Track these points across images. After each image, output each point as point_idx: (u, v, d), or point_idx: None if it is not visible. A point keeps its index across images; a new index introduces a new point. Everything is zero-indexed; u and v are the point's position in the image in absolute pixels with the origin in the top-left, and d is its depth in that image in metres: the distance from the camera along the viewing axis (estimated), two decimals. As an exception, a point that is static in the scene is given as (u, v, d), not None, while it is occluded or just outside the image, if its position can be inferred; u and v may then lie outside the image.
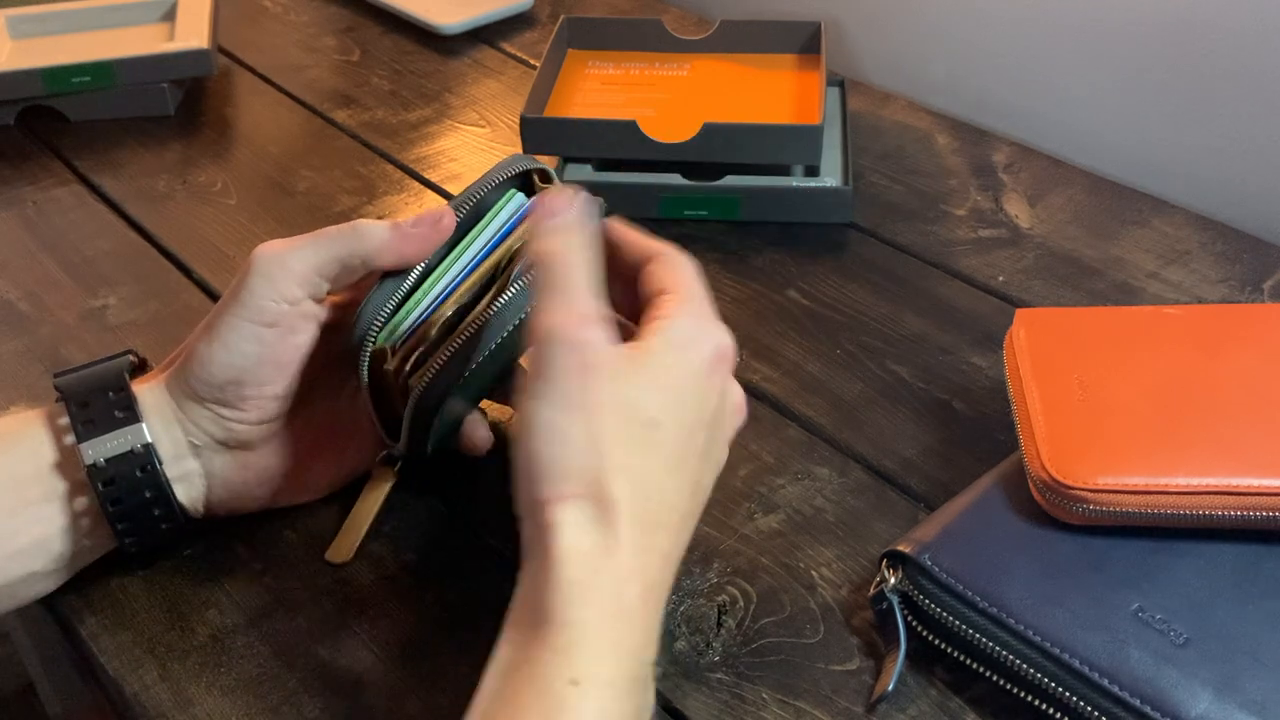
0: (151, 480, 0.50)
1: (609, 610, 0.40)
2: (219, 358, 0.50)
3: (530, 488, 0.41)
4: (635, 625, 0.41)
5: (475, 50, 1.01)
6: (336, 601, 0.52)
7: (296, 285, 0.50)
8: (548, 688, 0.38)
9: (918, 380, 0.64)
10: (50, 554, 0.50)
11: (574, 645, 0.39)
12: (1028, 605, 0.46)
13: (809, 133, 0.74)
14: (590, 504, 0.41)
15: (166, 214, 0.80)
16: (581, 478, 0.41)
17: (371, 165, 0.85)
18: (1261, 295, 0.70)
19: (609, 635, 0.40)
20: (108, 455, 0.49)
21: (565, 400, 0.41)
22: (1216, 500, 0.47)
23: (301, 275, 0.50)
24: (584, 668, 0.39)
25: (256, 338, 0.50)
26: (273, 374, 0.51)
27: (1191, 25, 0.78)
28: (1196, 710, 0.42)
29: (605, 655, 0.39)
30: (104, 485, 0.49)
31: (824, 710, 0.48)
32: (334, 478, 0.56)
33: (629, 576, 0.41)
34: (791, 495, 0.57)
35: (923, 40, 0.94)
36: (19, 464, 0.50)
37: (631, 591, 0.41)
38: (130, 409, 0.50)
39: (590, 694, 0.38)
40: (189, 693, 0.49)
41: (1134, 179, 0.83)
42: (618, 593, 0.40)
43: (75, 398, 0.50)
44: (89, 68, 0.88)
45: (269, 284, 0.49)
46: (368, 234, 0.51)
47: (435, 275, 0.53)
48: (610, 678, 0.39)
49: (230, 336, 0.50)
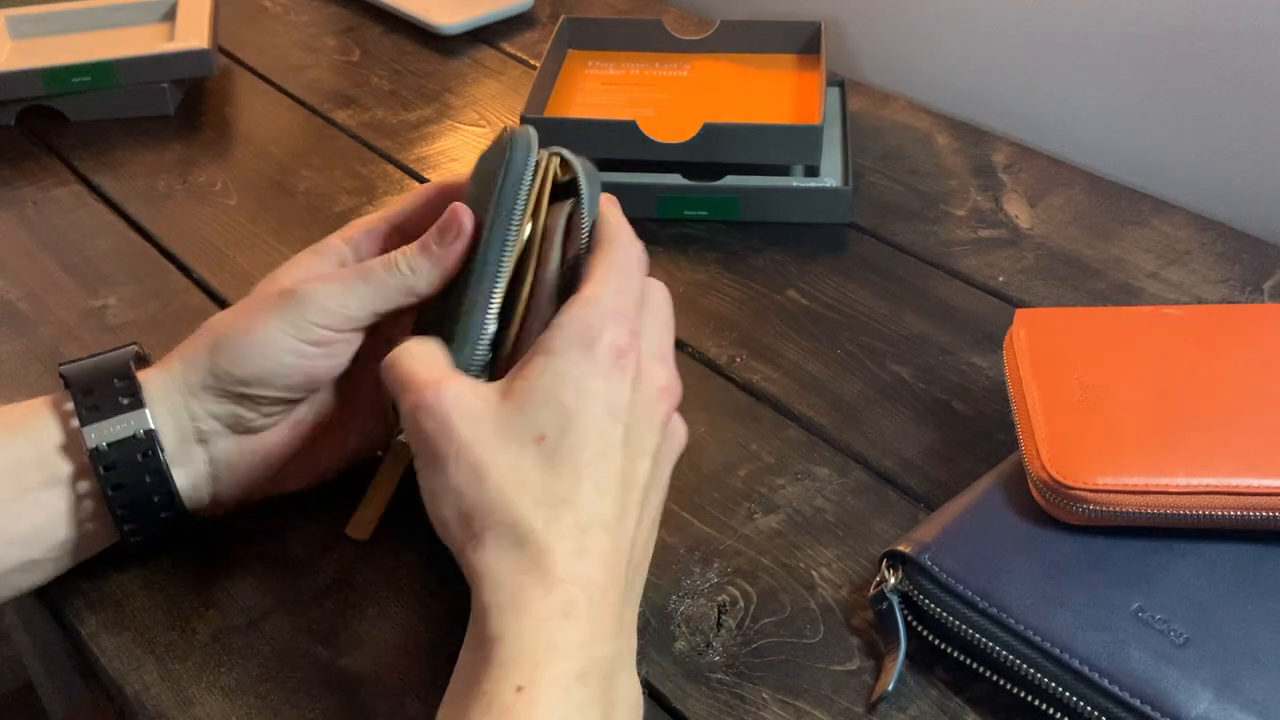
0: (152, 466, 0.50)
1: (541, 615, 0.41)
2: (255, 360, 0.50)
3: (447, 539, 0.45)
4: (578, 624, 0.41)
5: (475, 50, 1.01)
6: (336, 601, 0.52)
7: (346, 322, 0.51)
8: (495, 699, 0.40)
9: (918, 380, 0.64)
10: (50, 541, 0.50)
11: (512, 656, 0.40)
12: (1028, 605, 0.46)
13: (809, 133, 0.74)
14: (502, 531, 0.43)
15: (166, 214, 0.80)
16: (480, 514, 0.43)
17: (371, 165, 0.85)
18: (1261, 295, 0.70)
19: (544, 639, 0.41)
20: (110, 440, 0.49)
21: (437, 460, 0.44)
22: (1216, 500, 0.47)
23: (355, 316, 0.51)
24: (526, 674, 0.40)
25: (299, 352, 0.50)
26: (304, 383, 0.52)
27: (1192, 26, 0.78)
28: (1196, 710, 0.42)
29: (545, 658, 0.40)
30: (105, 470, 0.49)
31: (824, 710, 0.48)
32: (336, 461, 0.56)
33: (561, 580, 0.42)
34: (791, 495, 0.57)
35: (923, 40, 0.94)
36: (23, 449, 0.50)
37: (563, 595, 0.41)
38: (135, 395, 0.50)
39: (538, 696, 0.40)
40: (189, 693, 0.49)
41: (1134, 179, 0.83)
42: (546, 600, 0.41)
43: (80, 385, 0.51)
44: (89, 68, 0.88)
45: (324, 314, 0.50)
46: (415, 263, 0.51)
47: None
48: (554, 676, 0.40)
49: (271, 348, 0.50)
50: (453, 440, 0.44)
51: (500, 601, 0.41)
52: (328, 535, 0.55)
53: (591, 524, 0.43)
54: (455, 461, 0.43)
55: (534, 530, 0.42)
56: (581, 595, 0.42)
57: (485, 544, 0.42)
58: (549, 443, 0.43)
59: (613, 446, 0.44)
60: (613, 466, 0.44)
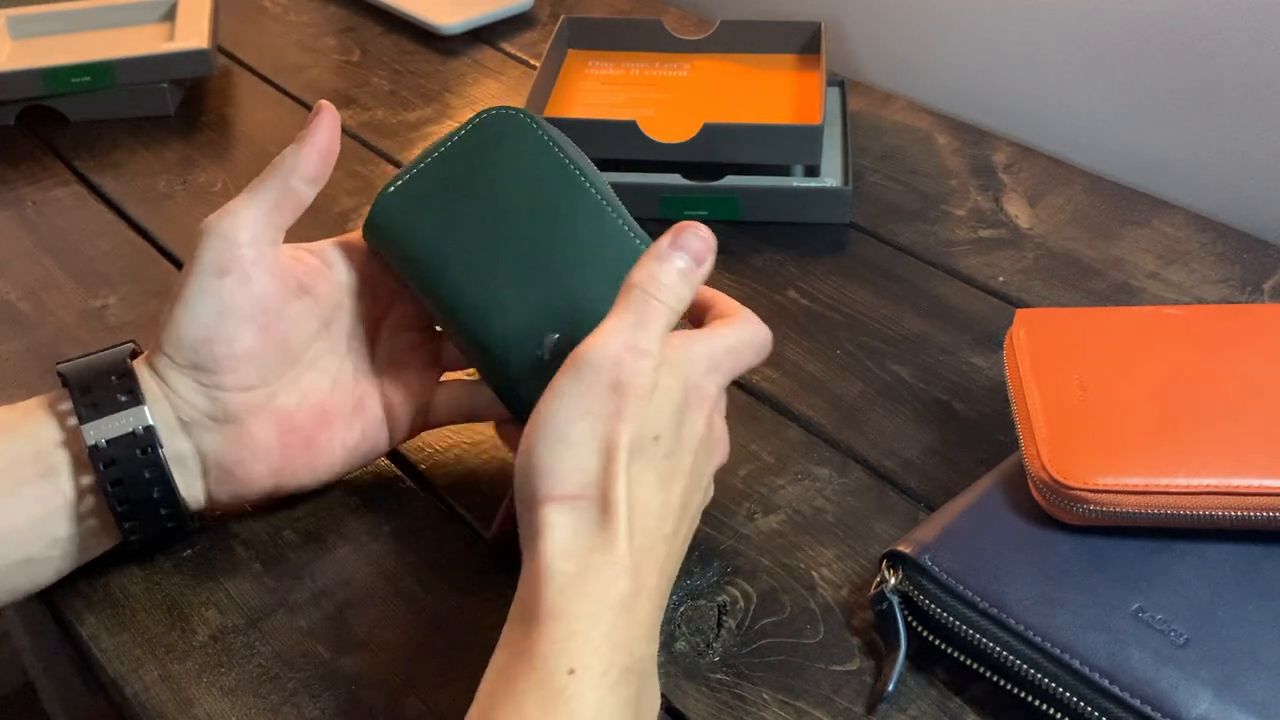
0: (152, 461, 0.50)
1: (603, 602, 0.41)
2: (183, 316, 0.51)
3: (528, 485, 0.43)
4: (630, 620, 0.42)
5: (475, 50, 1.01)
6: (336, 601, 0.52)
7: (241, 231, 0.52)
8: (547, 678, 0.39)
9: (918, 380, 0.64)
10: (46, 538, 0.50)
11: (570, 636, 0.40)
12: (1028, 605, 0.46)
13: (809, 133, 0.74)
14: (591, 506, 0.42)
15: (166, 214, 0.80)
16: (583, 480, 0.43)
17: (371, 165, 0.85)
18: (1261, 295, 0.70)
19: (601, 627, 0.41)
20: (109, 436, 0.50)
21: (584, 408, 0.43)
22: (1216, 500, 0.47)
23: (244, 219, 0.52)
24: (580, 658, 0.40)
25: (215, 290, 0.51)
26: (237, 328, 0.51)
27: (1192, 26, 0.78)
28: (1196, 710, 0.42)
29: (600, 645, 0.40)
30: (105, 466, 0.50)
31: (824, 710, 0.48)
32: (340, 461, 0.55)
33: (623, 574, 0.42)
34: (791, 495, 0.57)
35: (923, 40, 0.94)
36: (18, 448, 0.50)
37: (625, 588, 0.42)
38: (133, 393, 0.51)
39: (587, 683, 0.40)
40: (189, 693, 0.49)
41: (1134, 179, 0.83)
42: (611, 588, 0.41)
43: (79, 383, 0.51)
44: (89, 68, 0.88)
45: (215, 237, 0.52)
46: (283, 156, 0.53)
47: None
48: (604, 668, 0.40)
49: (190, 295, 0.51)
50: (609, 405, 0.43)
51: (566, 572, 0.41)
52: (328, 535, 0.55)
53: (656, 531, 0.44)
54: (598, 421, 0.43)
55: (618, 517, 0.42)
56: (638, 593, 0.42)
57: (567, 507, 0.42)
58: (660, 445, 0.45)
59: (683, 470, 0.46)
60: (681, 487, 0.46)
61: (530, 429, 0.44)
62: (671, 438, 0.45)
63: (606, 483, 0.43)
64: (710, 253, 0.48)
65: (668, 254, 0.47)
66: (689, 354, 0.47)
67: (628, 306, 0.46)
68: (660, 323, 0.46)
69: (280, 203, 0.53)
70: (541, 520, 0.42)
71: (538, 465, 0.43)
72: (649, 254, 0.48)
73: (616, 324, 0.45)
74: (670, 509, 0.45)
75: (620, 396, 0.43)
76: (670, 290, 0.46)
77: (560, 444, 0.43)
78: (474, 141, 0.55)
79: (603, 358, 0.44)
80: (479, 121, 0.55)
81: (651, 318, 0.45)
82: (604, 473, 0.43)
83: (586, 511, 0.42)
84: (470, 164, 0.54)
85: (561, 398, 0.44)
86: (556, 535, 0.42)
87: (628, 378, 0.44)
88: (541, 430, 0.43)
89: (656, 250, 0.47)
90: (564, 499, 0.42)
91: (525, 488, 0.43)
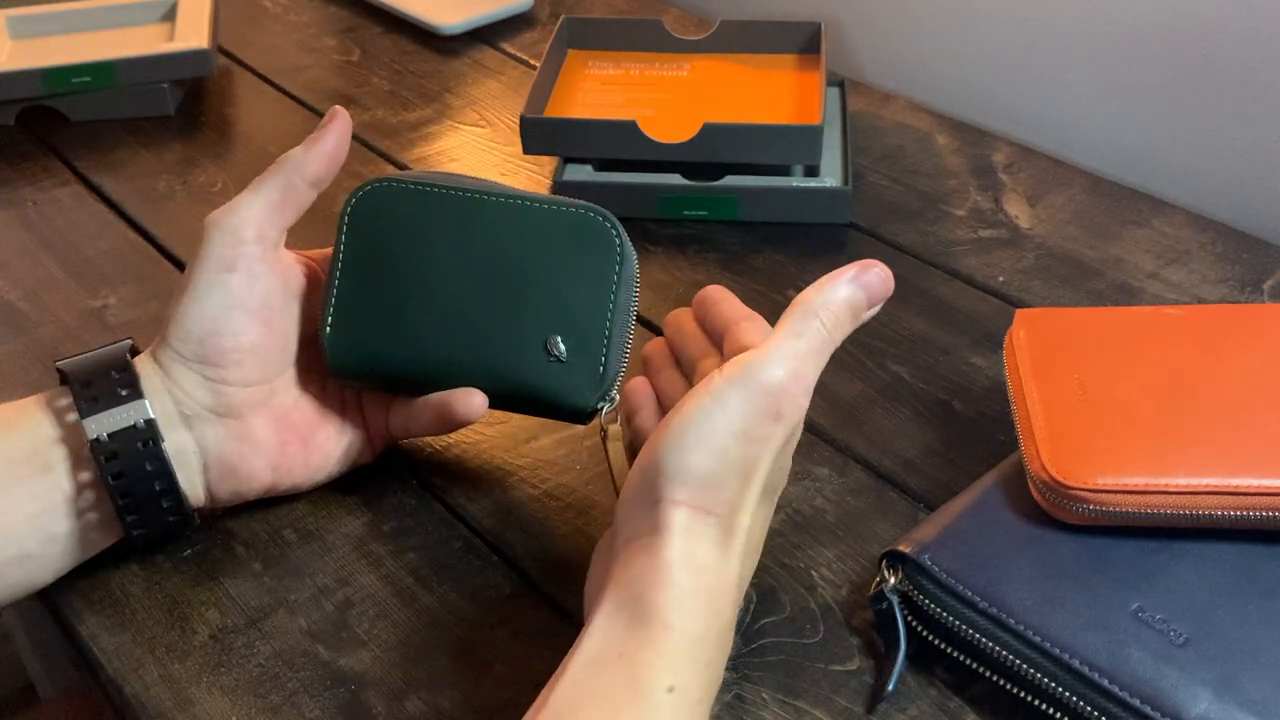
0: (153, 454, 0.50)
1: (713, 627, 0.42)
2: (191, 310, 0.52)
3: (662, 476, 0.43)
4: (722, 647, 0.43)
5: (475, 50, 1.01)
6: (336, 601, 0.52)
7: (247, 227, 0.52)
8: (648, 691, 0.39)
9: (918, 380, 0.64)
10: (44, 534, 0.50)
11: (678, 653, 0.40)
12: (1028, 605, 0.46)
13: (809, 133, 0.74)
14: (719, 524, 0.43)
15: (166, 214, 0.80)
16: (719, 497, 0.43)
17: (371, 165, 0.85)
18: (1261, 295, 0.70)
19: (707, 652, 0.41)
20: (110, 430, 0.50)
21: (743, 427, 0.43)
22: (1216, 500, 0.47)
23: (249, 217, 0.53)
24: (684, 678, 0.40)
25: (222, 284, 0.52)
26: (244, 322, 0.52)
27: (1192, 26, 0.78)
28: (1196, 710, 0.42)
29: (701, 671, 0.41)
30: (106, 460, 0.50)
31: (824, 710, 0.48)
32: (336, 458, 0.56)
33: (727, 600, 0.43)
34: (791, 495, 0.57)
35: (923, 40, 0.94)
36: (13, 445, 0.50)
37: (728, 614, 0.43)
38: (134, 386, 0.51)
39: (682, 707, 0.40)
40: (189, 693, 0.49)
41: (1134, 179, 0.83)
42: (717, 611, 0.42)
43: (79, 378, 0.51)
44: (89, 68, 0.88)
45: (222, 232, 0.52)
46: (290, 155, 0.54)
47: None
48: (699, 696, 0.41)
49: (198, 288, 0.52)
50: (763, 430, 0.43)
51: (684, 585, 0.41)
52: (328, 535, 0.55)
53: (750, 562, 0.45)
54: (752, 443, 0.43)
55: (738, 542, 0.43)
56: (729, 620, 0.43)
57: (698, 516, 0.42)
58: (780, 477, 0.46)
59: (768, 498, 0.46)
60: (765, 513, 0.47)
61: (681, 421, 0.43)
62: (785, 472, 0.47)
63: (736, 508, 0.43)
64: (885, 297, 0.47)
65: (850, 285, 0.46)
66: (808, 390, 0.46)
67: (801, 331, 0.45)
68: (825, 355, 0.45)
69: (284, 201, 0.53)
70: (669, 519, 0.42)
71: (681, 464, 0.43)
72: (831, 277, 0.46)
73: (790, 347, 0.44)
74: (759, 544, 0.46)
75: (776, 427, 0.43)
76: (840, 323, 0.46)
77: (712, 454, 0.43)
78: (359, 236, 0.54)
79: (772, 382, 0.43)
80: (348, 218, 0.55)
81: (819, 349, 0.45)
82: (739, 496, 0.43)
83: (712, 528, 0.43)
84: (370, 256, 0.54)
85: (725, 407, 0.43)
86: (679, 542, 0.42)
87: (788, 410, 0.43)
88: (696, 430, 0.43)
89: (840, 277, 0.46)
90: (696, 509, 0.42)
91: (656, 479, 0.43)
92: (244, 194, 0.53)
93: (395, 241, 0.54)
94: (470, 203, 0.54)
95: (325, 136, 0.54)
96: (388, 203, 0.54)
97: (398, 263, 0.54)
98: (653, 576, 0.41)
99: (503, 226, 0.53)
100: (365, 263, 0.54)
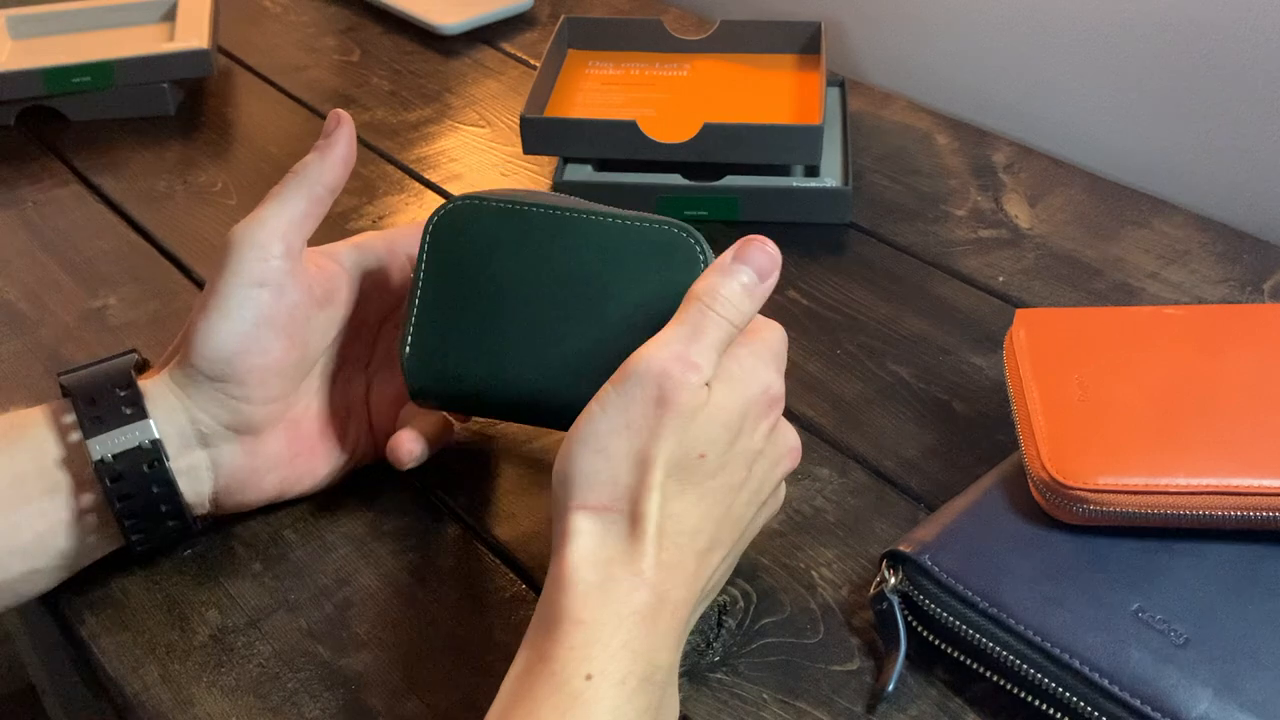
0: (159, 476, 0.50)
1: (622, 612, 0.41)
2: (221, 327, 0.50)
3: (562, 491, 0.44)
4: (650, 630, 0.42)
5: (475, 50, 1.01)
6: (336, 601, 0.52)
7: (276, 241, 0.51)
8: (565, 683, 0.40)
9: (918, 380, 0.64)
10: (52, 551, 0.50)
11: (588, 643, 0.40)
12: (1028, 605, 0.46)
13: (809, 133, 0.74)
14: (620, 519, 0.43)
15: (166, 214, 0.80)
16: (615, 493, 0.43)
17: (371, 165, 0.85)
18: (1261, 295, 0.70)
19: (620, 636, 0.41)
20: (115, 451, 0.49)
21: (624, 421, 0.43)
22: (1216, 500, 0.47)
23: (276, 230, 0.52)
24: (598, 664, 0.40)
25: (253, 300, 0.51)
26: (272, 339, 0.51)
27: (1192, 26, 0.78)
28: (1197, 710, 0.42)
29: (617, 653, 0.41)
30: (111, 481, 0.49)
31: (824, 710, 0.48)
32: (337, 466, 0.56)
33: (643, 586, 0.42)
34: (791, 495, 0.57)
35: (923, 40, 0.94)
36: (20, 462, 0.50)
37: (645, 599, 0.42)
38: (138, 405, 0.50)
39: (604, 690, 0.40)
40: (189, 693, 0.49)
41: (1134, 179, 0.83)
42: (630, 599, 0.42)
43: (83, 395, 0.50)
44: (89, 68, 0.88)
45: (251, 247, 0.51)
46: (306, 165, 0.53)
47: None
48: (622, 676, 0.40)
49: (228, 305, 0.51)
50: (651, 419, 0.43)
51: (588, 580, 0.41)
52: (328, 535, 0.55)
53: (690, 546, 0.44)
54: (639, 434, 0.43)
55: (646, 531, 0.43)
56: (661, 605, 0.42)
57: (596, 516, 0.43)
58: (706, 462, 0.44)
59: (730, 485, 0.46)
60: (723, 500, 0.46)
61: (572, 435, 0.44)
62: (721, 454, 0.45)
63: (637, 497, 0.43)
64: (775, 268, 0.47)
65: (731, 267, 0.47)
66: (751, 369, 0.46)
67: (684, 318, 0.45)
68: (717, 336, 0.45)
69: (308, 213, 0.53)
70: (570, 527, 0.43)
71: (573, 473, 0.43)
72: (712, 267, 0.47)
73: (670, 336, 0.45)
74: (708, 521, 0.45)
75: (663, 411, 0.43)
76: (730, 304, 0.46)
77: (598, 455, 0.43)
78: (440, 256, 0.53)
79: (649, 369, 0.44)
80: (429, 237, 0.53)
81: (707, 330, 0.45)
82: (636, 487, 0.43)
83: (614, 524, 0.43)
84: (451, 276, 0.53)
85: (605, 408, 0.44)
86: (582, 543, 0.42)
87: (673, 392, 0.43)
88: (582, 438, 0.44)
89: (720, 263, 0.47)
90: (594, 509, 0.43)
91: (559, 493, 0.44)
92: (266, 206, 0.52)
93: (477, 260, 0.52)
94: (552, 220, 0.52)
95: (337, 142, 0.54)
96: (469, 221, 0.53)
97: (479, 282, 0.52)
98: (559, 581, 0.42)
99: (584, 243, 0.52)
100: (446, 282, 0.53)
